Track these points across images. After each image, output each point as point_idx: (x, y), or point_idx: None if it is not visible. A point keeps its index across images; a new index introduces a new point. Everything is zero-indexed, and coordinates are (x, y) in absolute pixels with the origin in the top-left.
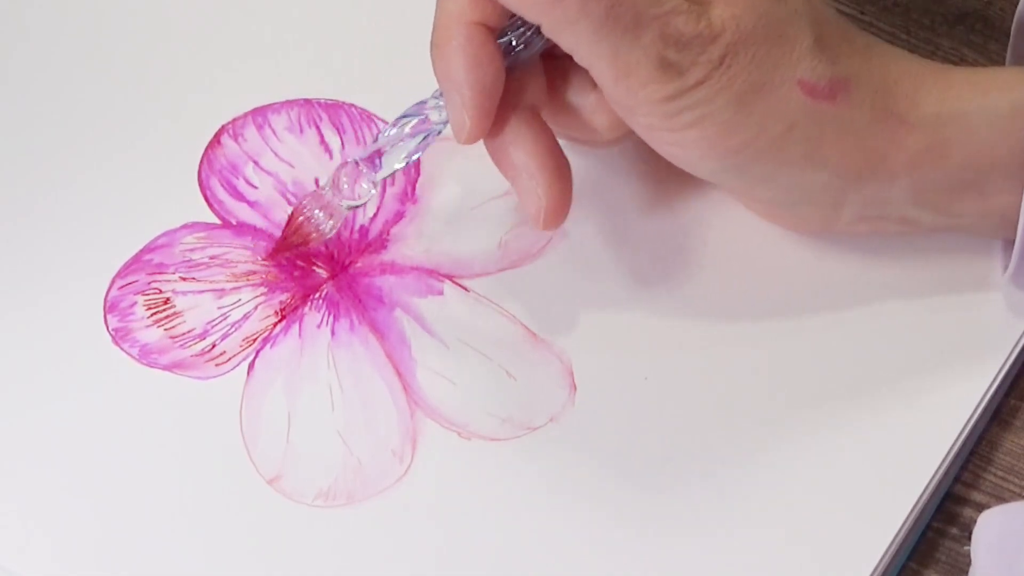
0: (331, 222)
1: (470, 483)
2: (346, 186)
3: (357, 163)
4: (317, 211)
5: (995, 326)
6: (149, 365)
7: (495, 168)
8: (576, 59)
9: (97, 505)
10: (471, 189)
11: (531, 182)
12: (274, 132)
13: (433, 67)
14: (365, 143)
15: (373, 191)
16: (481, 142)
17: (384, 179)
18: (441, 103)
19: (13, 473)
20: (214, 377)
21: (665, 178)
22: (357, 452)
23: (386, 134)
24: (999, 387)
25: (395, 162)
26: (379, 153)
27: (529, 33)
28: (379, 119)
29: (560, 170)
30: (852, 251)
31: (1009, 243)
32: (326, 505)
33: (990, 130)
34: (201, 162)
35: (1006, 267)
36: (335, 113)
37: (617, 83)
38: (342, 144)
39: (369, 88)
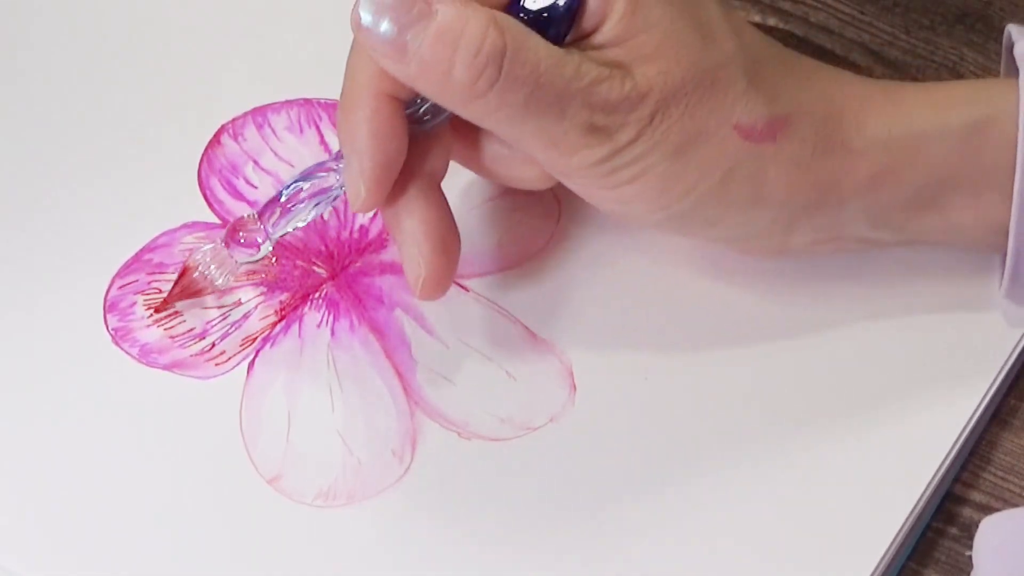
0: (225, 276)
1: (470, 483)
2: (243, 242)
3: (256, 219)
4: (212, 266)
5: (995, 326)
6: (149, 365)
7: None
8: (499, 135)
9: (97, 505)
10: (471, 189)
11: (414, 251)
12: (274, 132)
13: (337, 131)
14: None
15: (268, 247)
16: None
17: (280, 236)
18: (339, 166)
19: (13, 473)
20: (214, 377)
21: None
22: (357, 452)
23: (287, 193)
24: (999, 387)
25: (295, 220)
26: (280, 210)
27: (439, 106)
28: None
29: (446, 244)
30: (856, 256)
31: (1003, 258)
32: (326, 505)
33: (944, 149)
34: (201, 162)
35: (1001, 283)
36: (335, 113)
37: (547, 152)
38: None
39: None
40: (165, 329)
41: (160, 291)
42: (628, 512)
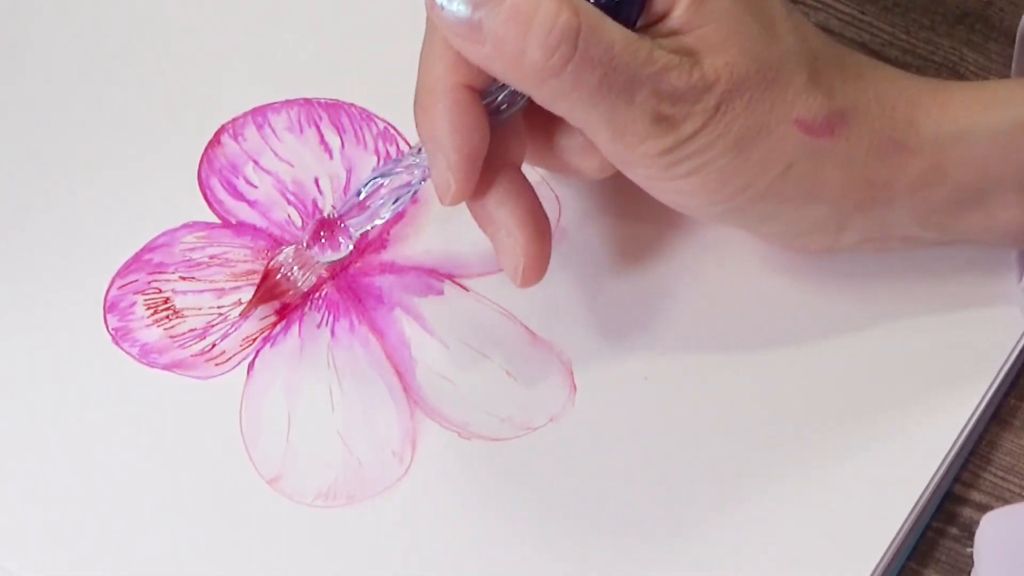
0: (307, 278)
1: (470, 483)
2: (325, 243)
3: (338, 219)
4: (295, 268)
5: (995, 327)
6: (149, 365)
7: None
8: (569, 120)
9: (97, 505)
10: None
11: (510, 240)
12: (274, 132)
13: (417, 127)
14: (364, 144)
15: (350, 246)
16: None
17: (361, 234)
18: (418, 160)
19: (13, 473)
20: (214, 377)
21: None
22: (357, 452)
23: (366, 190)
24: (999, 387)
25: (375, 218)
26: (360, 208)
27: (515, 93)
28: (379, 119)
29: (540, 229)
30: (855, 254)
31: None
32: (326, 505)
33: (991, 147)
34: (201, 162)
35: (1020, 276)
36: (335, 113)
37: (614, 141)
38: (342, 144)
39: (369, 88)
40: (165, 329)
41: (160, 291)
42: (628, 512)
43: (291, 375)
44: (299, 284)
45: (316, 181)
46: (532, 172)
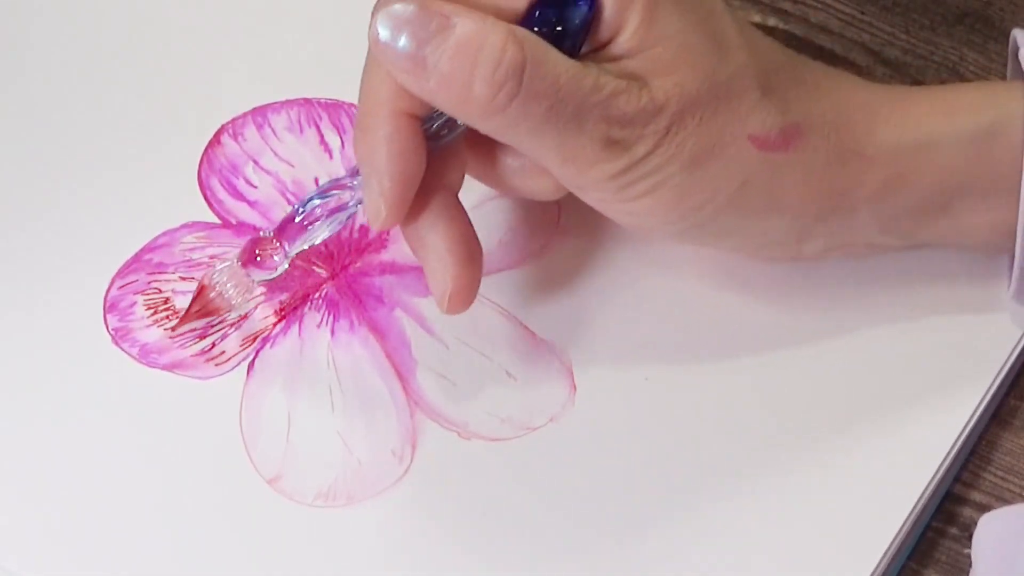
0: (242, 295)
1: (470, 483)
2: (259, 260)
3: (272, 238)
4: (229, 285)
5: (995, 327)
6: (149, 365)
7: None
8: (517, 148)
9: (97, 505)
10: (470, 189)
11: (439, 264)
12: (274, 132)
13: (355, 150)
14: None
15: (285, 265)
16: None
17: (296, 253)
18: (355, 183)
19: (13, 473)
20: (214, 377)
21: None
22: (357, 452)
23: (303, 210)
24: (999, 387)
25: (311, 238)
26: (296, 228)
27: (455, 120)
28: None
29: (469, 256)
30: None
31: (1011, 260)
32: (326, 505)
33: (954, 155)
34: (201, 162)
35: (1010, 285)
36: (335, 113)
37: (564, 167)
38: (342, 143)
39: None
40: (165, 329)
41: (160, 291)
42: (628, 512)
43: (291, 375)
44: (233, 302)
45: (316, 181)
46: None
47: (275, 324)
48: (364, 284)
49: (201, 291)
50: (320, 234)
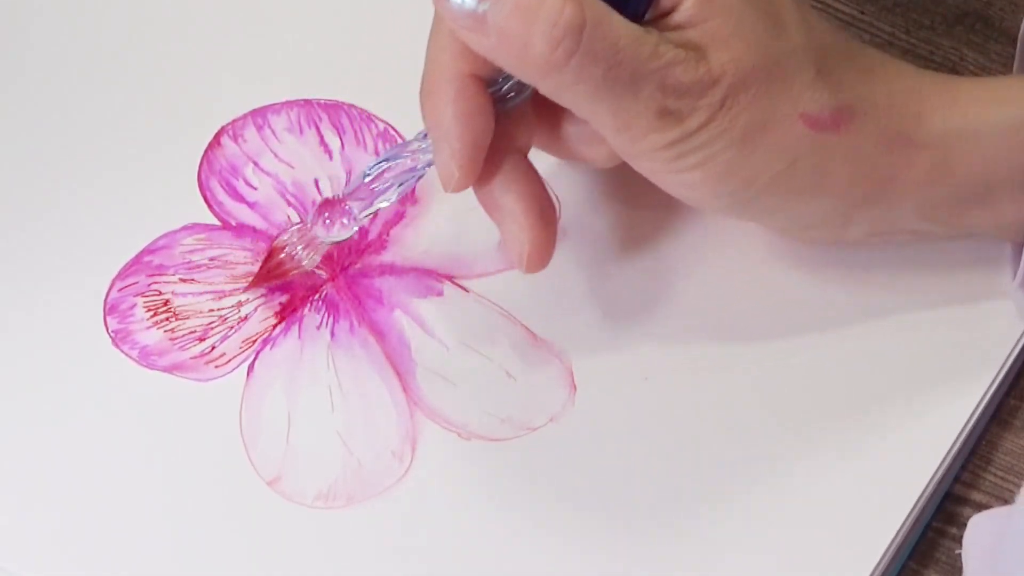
0: (311, 257)
1: (470, 483)
2: (329, 222)
3: (342, 200)
4: (299, 247)
5: (995, 326)
6: (149, 367)
7: None
8: (574, 112)
9: (97, 506)
10: (471, 189)
11: (515, 226)
12: (274, 133)
13: (423, 115)
14: (364, 145)
15: (355, 228)
16: None
17: (367, 217)
18: (425, 145)
19: (13, 473)
20: (214, 379)
21: None
22: (357, 453)
23: (371, 172)
24: (999, 387)
25: (380, 201)
26: (365, 190)
27: (521, 82)
28: (379, 119)
29: (545, 216)
30: (855, 253)
31: (1018, 248)
32: (326, 506)
33: (997, 144)
34: (201, 163)
35: (1015, 273)
36: (335, 113)
37: (619, 134)
38: (342, 144)
39: (369, 88)
40: (165, 331)
41: (160, 293)
42: (628, 512)
43: (291, 376)
44: (303, 263)
45: (316, 182)
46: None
47: (275, 326)
48: (364, 285)
49: (271, 253)
50: (388, 196)
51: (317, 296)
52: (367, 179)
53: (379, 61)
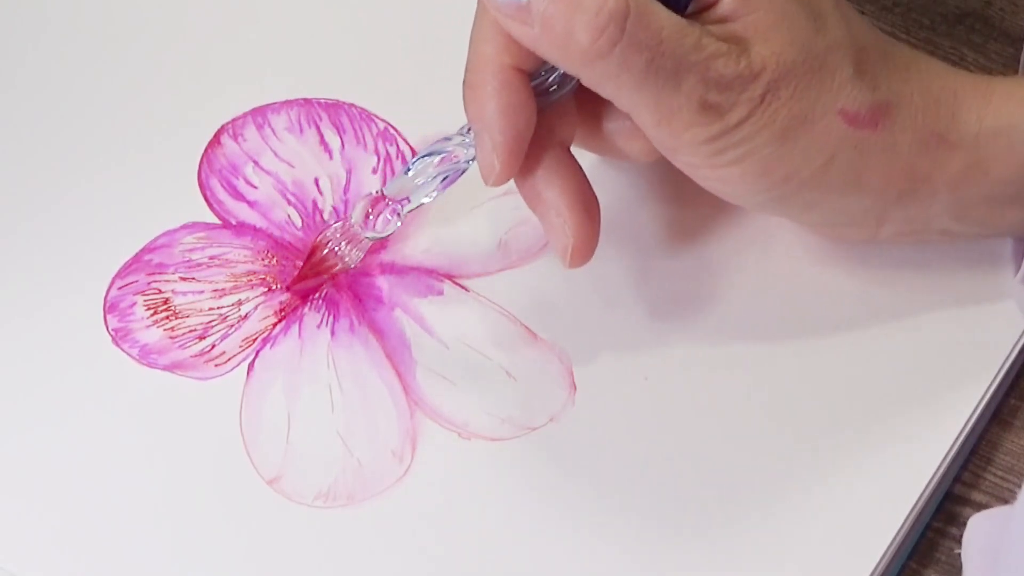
0: (354, 253)
1: (470, 483)
2: (371, 219)
3: (384, 196)
4: (343, 243)
5: (995, 326)
6: (149, 365)
7: None
8: (616, 104)
9: (97, 505)
10: (471, 189)
11: (559, 220)
12: (274, 132)
13: (465, 107)
14: (364, 144)
15: (398, 223)
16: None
17: (409, 212)
18: (468, 139)
19: (13, 473)
20: (214, 377)
21: (666, 179)
22: (357, 452)
23: (415, 168)
24: (999, 387)
25: (422, 196)
26: (407, 185)
27: (564, 75)
28: (379, 118)
29: (588, 209)
30: (853, 253)
31: (1020, 244)
32: (326, 506)
33: None
34: (201, 162)
35: (1017, 270)
36: (335, 113)
37: (659, 127)
38: (342, 144)
39: (369, 88)
40: (165, 330)
41: (160, 291)
42: (628, 512)
43: (291, 376)
44: (346, 259)
45: (316, 181)
46: None
47: (275, 324)
48: (364, 284)
49: (315, 249)
50: (431, 190)
51: (317, 295)
52: (409, 174)
53: (379, 61)
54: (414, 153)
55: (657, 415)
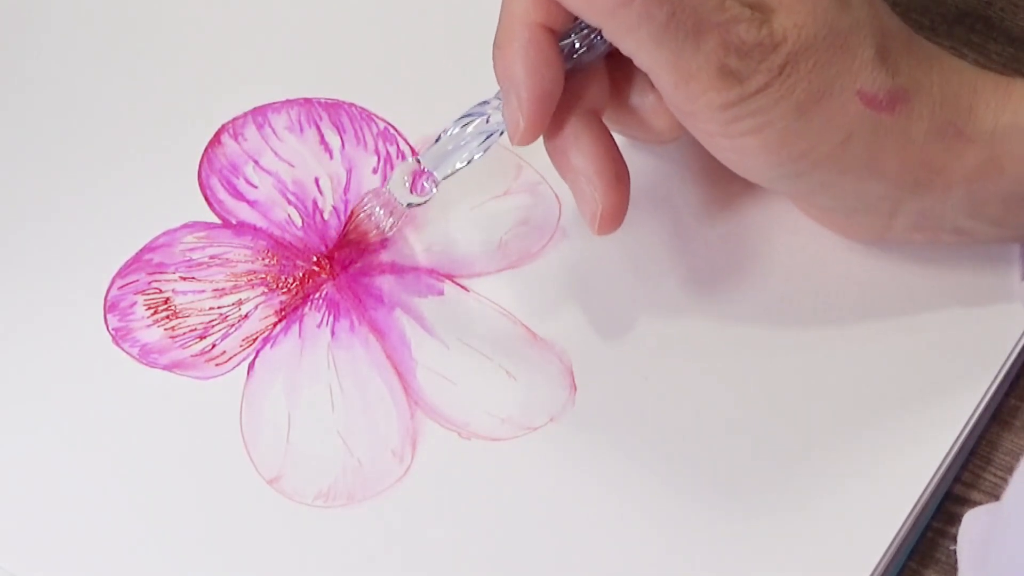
0: (391, 220)
1: (470, 483)
2: (408, 184)
3: (420, 162)
4: (378, 208)
5: (995, 326)
6: (149, 365)
7: (495, 168)
8: (637, 63)
9: (97, 505)
10: (471, 189)
11: (588, 186)
12: (274, 131)
13: (494, 66)
14: (364, 144)
15: (435, 190)
16: (542, 144)
17: (446, 178)
18: (500, 104)
19: (13, 473)
20: (214, 377)
21: (666, 175)
22: (357, 452)
23: (449, 133)
24: (999, 387)
25: (457, 162)
26: (442, 151)
27: (592, 36)
28: (379, 118)
29: (618, 176)
30: (854, 253)
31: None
32: (326, 505)
33: None
34: (201, 161)
35: (1023, 274)
36: (335, 112)
37: (677, 89)
38: (342, 144)
39: (369, 88)
40: (165, 329)
41: (160, 291)
42: (628, 512)
43: (291, 375)
44: (383, 225)
45: (316, 181)
46: (530, 171)
47: (275, 324)
48: (364, 284)
49: (352, 215)
50: (465, 156)
51: (317, 295)
52: (440, 141)
53: (379, 60)
54: (414, 153)
55: (657, 415)
